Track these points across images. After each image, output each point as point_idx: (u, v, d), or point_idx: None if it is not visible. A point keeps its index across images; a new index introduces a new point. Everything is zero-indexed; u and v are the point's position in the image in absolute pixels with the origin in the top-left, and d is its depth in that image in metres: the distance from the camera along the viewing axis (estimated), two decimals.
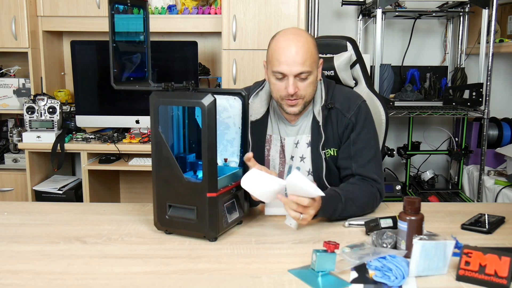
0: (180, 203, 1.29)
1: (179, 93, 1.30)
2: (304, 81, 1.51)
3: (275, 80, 1.53)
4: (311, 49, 1.50)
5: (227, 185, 1.35)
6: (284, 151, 1.66)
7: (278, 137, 1.66)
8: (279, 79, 1.51)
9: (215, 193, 1.26)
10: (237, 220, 1.38)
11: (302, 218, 1.32)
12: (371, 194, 1.53)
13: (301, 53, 1.47)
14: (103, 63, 3.00)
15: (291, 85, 1.49)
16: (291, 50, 1.47)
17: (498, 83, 3.33)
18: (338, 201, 1.42)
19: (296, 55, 1.47)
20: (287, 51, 1.47)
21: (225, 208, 1.32)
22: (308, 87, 1.53)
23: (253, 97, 1.66)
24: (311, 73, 1.51)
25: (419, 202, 1.18)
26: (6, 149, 3.10)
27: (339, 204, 1.42)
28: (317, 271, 1.07)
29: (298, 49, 1.47)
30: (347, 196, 1.45)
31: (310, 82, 1.52)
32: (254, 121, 1.64)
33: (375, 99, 1.83)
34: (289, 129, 1.65)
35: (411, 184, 3.19)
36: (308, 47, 1.49)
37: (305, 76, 1.50)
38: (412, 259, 1.08)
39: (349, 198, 1.45)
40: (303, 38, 1.50)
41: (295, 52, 1.47)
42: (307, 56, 1.48)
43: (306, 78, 1.51)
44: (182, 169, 1.29)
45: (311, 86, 1.54)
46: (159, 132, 1.28)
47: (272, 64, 1.51)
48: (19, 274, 1.10)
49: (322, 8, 3.09)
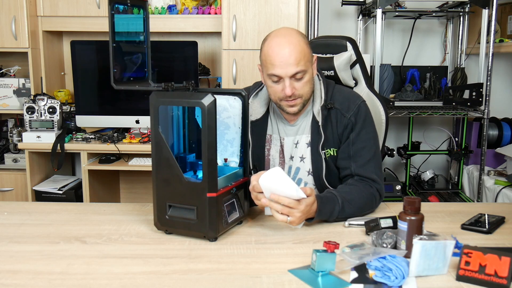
0: (180, 203, 1.29)
1: (179, 93, 1.30)
2: (300, 81, 1.51)
3: (271, 83, 1.53)
4: (304, 48, 1.49)
5: (227, 185, 1.35)
6: (283, 151, 1.66)
7: (277, 137, 1.67)
8: (275, 82, 1.51)
9: (215, 193, 1.26)
10: (237, 220, 1.38)
11: (289, 221, 1.30)
12: (370, 195, 1.52)
13: (294, 54, 1.46)
14: (103, 63, 3.00)
15: (288, 86, 1.49)
16: (284, 52, 1.46)
17: (498, 83, 3.33)
18: (335, 203, 1.42)
19: (290, 56, 1.46)
20: (280, 53, 1.47)
21: (225, 208, 1.32)
22: (305, 86, 1.53)
23: (253, 97, 1.66)
24: (306, 72, 1.51)
25: (419, 202, 1.18)
26: (6, 149, 3.10)
27: (336, 206, 1.42)
28: (317, 271, 1.07)
29: (291, 50, 1.46)
30: (344, 197, 1.44)
31: (306, 81, 1.52)
32: (254, 121, 1.64)
33: (375, 99, 1.83)
34: (288, 129, 1.65)
35: (411, 184, 3.19)
36: (300, 46, 1.48)
37: (301, 76, 1.50)
38: (412, 259, 1.08)
39: (346, 199, 1.44)
40: (294, 38, 1.49)
41: (288, 53, 1.46)
42: (300, 56, 1.47)
43: (301, 78, 1.50)
44: (182, 169, 1.29)
45: (308, 85, 1.54)
46: (159, 132, 1.28)
47: (267, 68, 1.51)
48: (19, 274, 1.10)
49: (322, 8, 3.09)
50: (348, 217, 1.44)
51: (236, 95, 1.44)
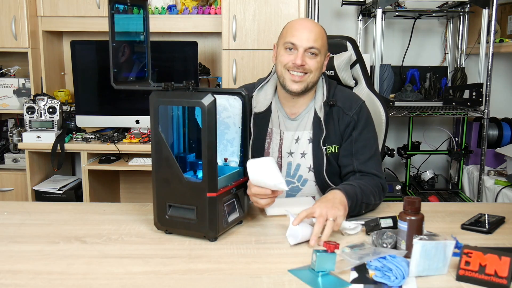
0: (180, 203, 1.29)
1: (179, 93, 1.30)
2: (312, 59, 1.55)
3: (284, 51, 1.57)
4: (323, 35, 1.59)
5: (227, 185, 1.34)
6: (282, 145, 1.66)
7: (278, 130, 1.67)
8: (289, 51, 1.56)
9: (215, 193, 1.26)
10: (237, 220, 1.38)
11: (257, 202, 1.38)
12: (376, 185, 1.54)
13: (314, 32, 1.55)
14: (103, 63, 3.00)
15: (300, 57, 1.54)
16: (306, 27, 1.56)
17: (498, 83, 3.33)
18: (356, 190, 1.44)
19: (310, 32, 1.55)
20: (302, 27, 1.56)
21: (225, 208, 1.32)
22: (315, 65, 1.56)
23: (258, 90, 1.68)
24: (319, 54, 1.57)
25: (419, 202, 1.18)
26: (6, 149, 3.10)
27: (358, 193, 1.44)
28: (317, 271, 1.07)
29: (313, 28, 1.56)
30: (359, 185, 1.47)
31: (318, 61, 1.57)
32: (257, 113, 1.66)
33: (375, 99, 1.83)
34: (288, 123, 1.66)
35: (411, 184, 3.19)
36: (320, 31, 1.58)
37: (315, 52, 1.55)
38: (412, 259, 1.08)
39: (360, 187, 1.47)
40: (316, 25, 1.60)
41: (309, 30, 1.55)
42: (319, 36, 1.56)
43: (315, 56, 1.56)
44: (182, 169, 1.29)
45: (318, 66, 1.58)
46: (159, 132, 1.28)
47: (285, 37, 1.58)
48: (19, 274, 1.10)
49: (322, 8, 3.09)
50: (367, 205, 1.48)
51: (236, 95, 1.44)
